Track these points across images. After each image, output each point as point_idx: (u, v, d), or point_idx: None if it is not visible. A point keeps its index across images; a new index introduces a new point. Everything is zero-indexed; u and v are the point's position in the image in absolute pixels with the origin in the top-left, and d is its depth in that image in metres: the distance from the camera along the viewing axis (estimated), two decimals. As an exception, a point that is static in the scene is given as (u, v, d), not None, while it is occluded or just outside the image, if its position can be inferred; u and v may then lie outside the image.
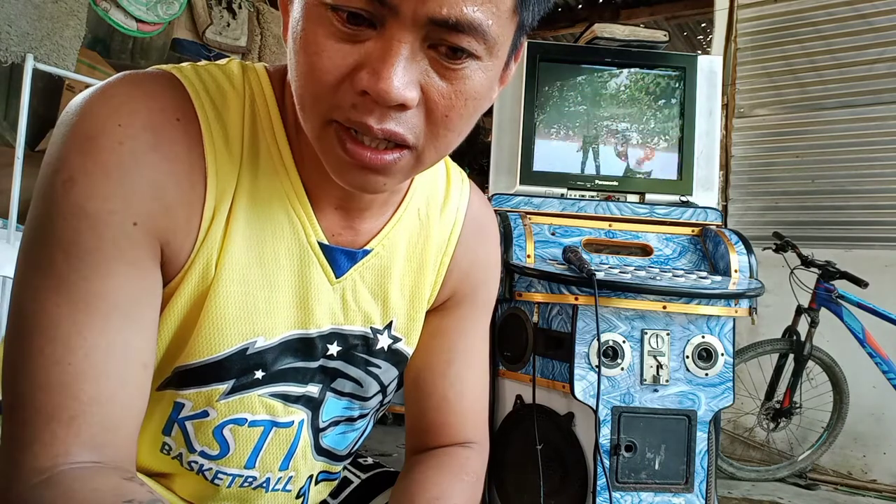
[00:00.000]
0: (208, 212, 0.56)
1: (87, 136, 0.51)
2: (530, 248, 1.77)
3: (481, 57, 0.49)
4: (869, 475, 3.16)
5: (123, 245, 0.52)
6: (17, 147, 2.41)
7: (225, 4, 3.48)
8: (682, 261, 1.90)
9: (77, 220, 0.51)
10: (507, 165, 2.01)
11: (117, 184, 0.51)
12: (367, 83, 0.47)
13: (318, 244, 0.62)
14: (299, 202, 0.61)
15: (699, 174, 2.03)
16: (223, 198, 0.57)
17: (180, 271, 0.57)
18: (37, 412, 0.49)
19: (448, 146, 0.54)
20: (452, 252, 0.73)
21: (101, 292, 0.51)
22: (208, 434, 0.63)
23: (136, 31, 3.09)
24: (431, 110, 0.50)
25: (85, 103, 0.53)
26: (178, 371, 0.60)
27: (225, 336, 0.59)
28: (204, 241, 0.57)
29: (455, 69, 0.49)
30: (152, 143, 0.53)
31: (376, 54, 0.47)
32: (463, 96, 0.50)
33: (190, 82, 0.56)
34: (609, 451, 1.65)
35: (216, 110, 0.57)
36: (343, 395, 0.70)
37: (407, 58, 0.47)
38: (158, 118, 0.53)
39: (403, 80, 0.47)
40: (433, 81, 0.49)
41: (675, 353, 1.70)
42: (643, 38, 2.09)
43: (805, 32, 3.48)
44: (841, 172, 3.40)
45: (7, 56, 2.52)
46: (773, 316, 3.09)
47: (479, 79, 0.50)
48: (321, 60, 0.48)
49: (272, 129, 0.60)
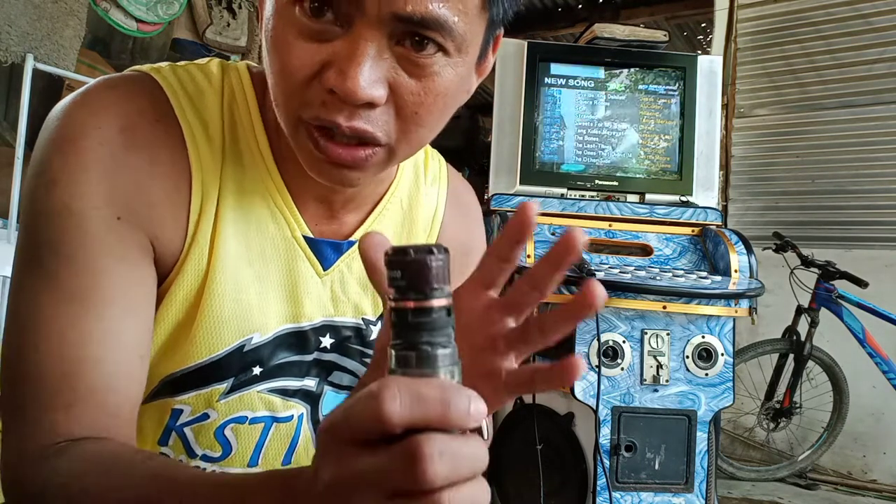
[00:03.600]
0: (195, 208, 0.57)
1: (67, 139, 0.52)
2: (530, 248, 1.77)
3: (450, 53, 0.49)
4: (869, 475, 3.16)
5: (110, 240, 0.52)
6: (17, 147, 2.42)
7: (225, 4, 3.48)
8: (682, 261, 1.90)
9: (62, 219, 0.51)
10: (507, 165, 2.01)
11: (99, 182, 0.52)
12: (334, 82, 0.47)
13: (302, 237, 0.63)
14: (281, 197, 0.61)
15: (699, 174, 2.03)
16: (209, 195, 0.57)
17: (173, 269, 0.57)
18: (35, 403, 0.50)
19: (420, 141, 0.54)
20: (437, 234, 0.74)
21: (92, 286, 0.52)
22: (210, 436, 0.63)
23: (136, 31, 3.09)
24: (401, 107, 0.50)
25: (65, 109, 0.54)
26: (174, 377, 0.60)
27: (222, 336, 0.59)
28: (194, 238, 0.57)
29: (423, 65, 0.49)
30: (131, 144, 0.54)
31: (343, 53, 0.47)
32: (433, 93, 0.50)
33: (167, 83, 0.57)
34: (609, 451, 1.65)
35: (195, 109, 0.58)
36: (342, 388, 0.70)
37: (374, 56, 0.47)
38: (136, 120, 0.54)
39: (370, 78, 0.47)
40: (402, 79, 0.49)
41: (675, 353, 1.70)
42: (643, 38, 2.09)
43: (805, 32, 3.48)
44: (841, 172, 3.40)
45: (7, 56, 2.53)
46: (773, 316, 3.09)
47: (448, 75, 0.50)
48: (290, 59, 0.49)
49: (251, 126, 0.60)
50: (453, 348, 0.32)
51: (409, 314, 0.31)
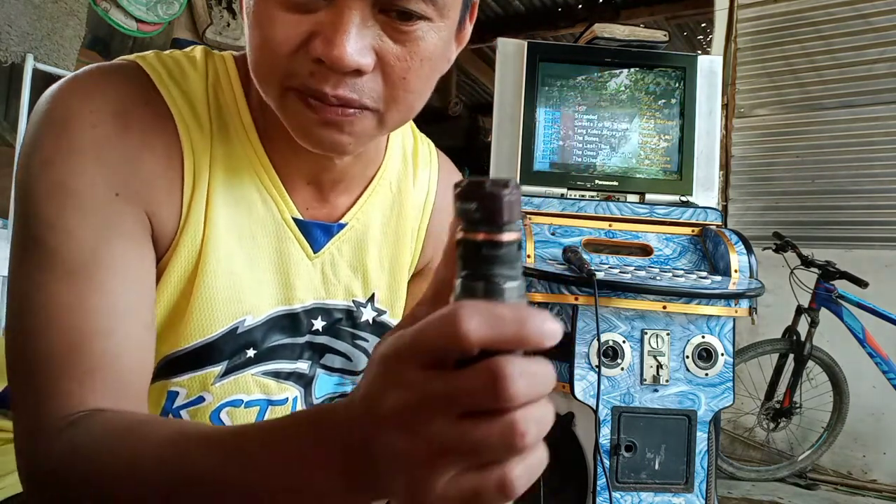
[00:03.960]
0: (188, 187, 0.57)
1: (59, 120, 0.53)
2: (530, 248, 1.77)
3: (432, 18, 0.51)
4: (869, 475, 3.16)
5: (108, 214, 0.53)
6: (17, 147, 2.42)
7: (225, 4, 3.48)
8: (682, 261, 1.90)
9: (59, 198, 0.52)
10: (507, 165, 2.01)
11: (94, 160, 0.53)
12: (321, 51, 0.48)
13: (292, 219, 0.63)
14: (269, 178, 0.62)
15: (699, 174, 2.03)
16: (200, 175, 0.58)
17: (169, 248, 0.57)
18: (46, 378, 0.49)
19: (410, 108, 0.55)
20: (428, 219, 0.75)
21: (93, 260, 0.52)
22: (206, 420, 0.63)
23: (136, 31, 3.09)
24: (388, 74, 0.51)
25: (55, 93, 0.55)
26: (169, 359, 0.60)
27: (216, 316, 0.60)
28: (188, 217, 0.57)
29: (408, 31, 0.50)
30: (123, 125, 0.54)
31: (328, 22, 0.48)
32: (418, 57, 0.51)
33: (153, 68, 0.58)
34: (609, 451, 1.65)
35: (181, 91, 0.58)
36: (334, 370, 0.70)
37: (358, 24, 0.48)
38: (127, 103, 0.55)
39: (356, 46, 0.48)
40: (387, 45, 0.50)
41: (675, 353, 1.70)
42: (643, 38, 2.09)
43: (805, 32, 3.48)
44: (841, 172, 3.40)
45: (7, 56, 2.53)
46: (773, 316, 3.09)
47: (432, 40, 0.52)
48: (274, 31, 0.49)
49: (237, 108, 0.61)
50: (521, 281, 0.32)
51: (482, 246, 0.31)
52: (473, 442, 0.30)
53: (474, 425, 0.30)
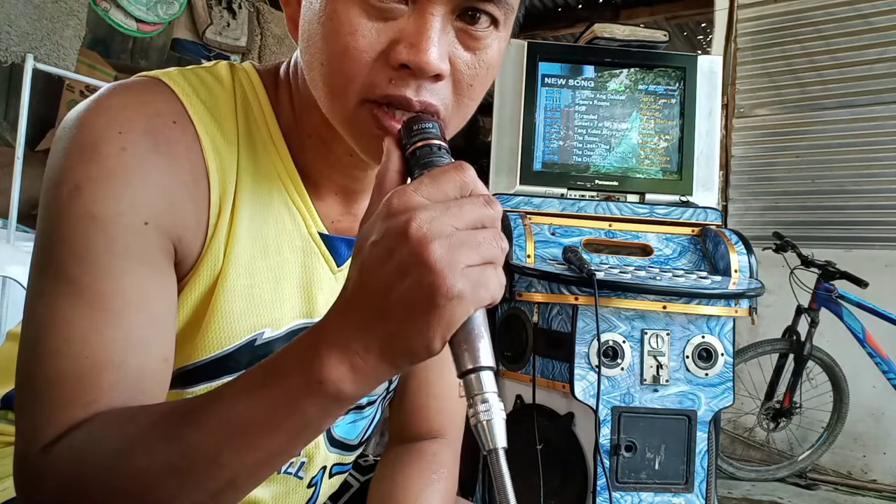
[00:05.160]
0: (214, 207, 0.57)
1: (88, 145, 0.52)
2: (530, 248, 1.77)
3: (499, 25, 0.53)
4: (869, 475, 3.16)
5: (135, 245, 0.52)
6: (17, 147, 2.41)
7: (225, 4, 3.48)
8: (682, 261, 1.90)
9: (86, 225, 0.51)
10: (507, 165, 2.01)
11: (123, 186, 0.52)
12: (406, 56, 0.49)
13: (318, 235, 0.64)
14: (297, 193, 0.62)
15: (699, 174, 2.03)
16: (226, 193, 0.58)
17: (192, 269, 0.57)
18: (52, 403, 0.49)
19: (466, 116, 0.57)
20: None
21: (115, 291, 0.51)
22: None
23: (136, 31, 3.09)
24: (458, 80, 0.53)
25: (81, 116, 0.54)
26: (185, 369, 0.60)
27: (234, 329, 0.60)
28: (213, 236, 0.57)
29: (478, 37, 0.52)
30: (152, 146, 0.53)
31: (412, 28, 0.50)
32: (485, 65, 0.54)
33: (179, 86, 0.57)
34: (609, 451, 1.65)
35: (208, 110, 0.58)
36: None
37: (439, 30, 0.50)
38: (155, 123, 0.54)
39: (439, 51, 0.50)
40: (459, 53, 0.52)
41: (675, 353, 1.70)
42: (643, 38, 2.09)
43: (805, 32, 3.47)
44: (841, 172, 3.39)
45: (7, 56, 2.53)
46: (773, 316, 3.09)
47: (496, 48, 0.54)
48: (356, 40, 0.50)
49: (266, 123, 0.61)
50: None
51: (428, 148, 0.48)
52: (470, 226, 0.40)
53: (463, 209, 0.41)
